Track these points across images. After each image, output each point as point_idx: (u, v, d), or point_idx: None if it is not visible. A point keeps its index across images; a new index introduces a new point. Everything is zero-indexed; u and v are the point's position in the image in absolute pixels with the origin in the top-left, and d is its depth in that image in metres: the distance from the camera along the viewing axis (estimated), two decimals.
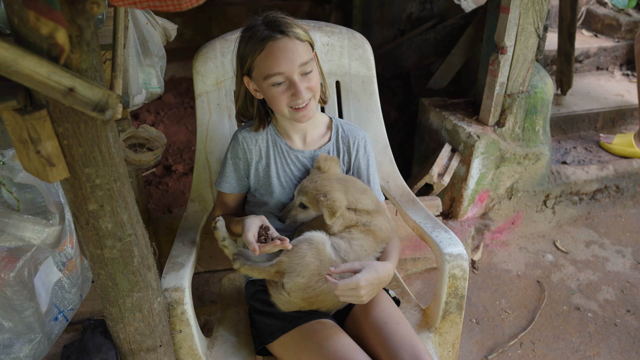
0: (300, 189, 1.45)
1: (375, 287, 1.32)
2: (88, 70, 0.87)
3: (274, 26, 1.34)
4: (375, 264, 1.33)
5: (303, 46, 1.35)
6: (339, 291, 1.26)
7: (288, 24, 1.35)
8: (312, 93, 1.41)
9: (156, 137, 1.53)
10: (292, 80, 1.35)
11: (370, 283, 1.29)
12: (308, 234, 1.35)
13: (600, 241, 2.79)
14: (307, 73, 1.37)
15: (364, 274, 1.28)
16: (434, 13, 3.30)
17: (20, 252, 1.12)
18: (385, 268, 1.35)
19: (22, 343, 1.19)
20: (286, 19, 1.37)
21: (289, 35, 1.33)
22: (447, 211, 2.65)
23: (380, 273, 1.32)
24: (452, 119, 2.53)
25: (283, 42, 1.33)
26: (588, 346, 2.17)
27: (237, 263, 1.37)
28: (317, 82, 1.41)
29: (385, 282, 1.35)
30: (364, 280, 1.27)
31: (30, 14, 0.71)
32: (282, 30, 1.33)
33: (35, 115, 0.85)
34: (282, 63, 1.33)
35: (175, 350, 1.37)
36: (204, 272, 2.26)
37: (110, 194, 1.00)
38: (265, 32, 1.33)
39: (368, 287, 1.28)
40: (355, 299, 1.29)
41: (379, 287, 1.33)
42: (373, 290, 1.31)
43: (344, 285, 1.25)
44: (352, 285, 1.26)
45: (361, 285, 1.26)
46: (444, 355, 1.58)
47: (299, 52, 1.34)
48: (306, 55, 1.36)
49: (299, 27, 1.37)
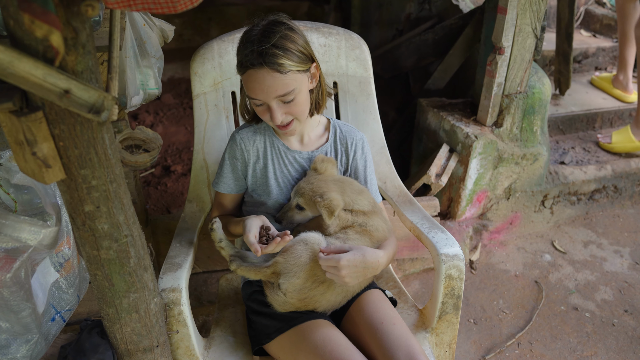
0: (296, 190, 1.46)
1: (359, 271, 1.30)
2: (84, 72, 0.87)
3: (261, 49, 1.28)
4: (364, 248, 1.33)
5: (283, 79, 1.30)
6: (323, 266, 1.29)
7: (274, 54, 1.28)
8: (293, 116, 1.40)
9: (152, 138, 1.53)
10: (270, 105, 1.36)
11: (353, 265, 1.28)
12: (304, 235, 1.36)
13: (598, 241, 2.80)
14: (287, 101, 1.35)
15: (347, 255, 1.28)
16: (432, 13, 3.31)
17: (17, 253, 1.12)
18: (374, 254, 1.34)
19: (19, 343, 1.20)
20: (277, 43, 1.29)
21: (270, 67, 1.28)
22: (445, 211, 2.66)
23: (367, 257, 1.31)
24: (450, 120, 2.54)
25: (262, 74, 1.29)
26: (585, 346, 2.17)
27: (234, 264, 1.38)
28: (299, 107, 1.38)
29: (373, 268, 1.34)
30: (345, 260, 1.27)
31: (25, 16, 0.72)
32: (265, 61, 1.28)
33: (31, 117, 0.85)
34: (259, 92, 1.33)
35: (172, 351, 1.37)
36: (202, 272, 2.27)
37: (106, 195, 1.00)
38: (250, 57, 1.29)
39: (349, 267, 1.28)
40: (337, 277, 1.29)
41: (364, 271, 1.32)
42: (357, 273, 1.30)
43: (325, 261, 1.27)
44: (332, 263, 1.27)
45: (341, 264, 1.26)
46: (440, 355, 1.59)
47: (275, 86, 1.31)
48: (284, 89, 1.32)
49: (287, 55, 1.30)
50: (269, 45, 1.28)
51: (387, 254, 1.40)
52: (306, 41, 1.38)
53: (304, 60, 1.35)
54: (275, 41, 1.29)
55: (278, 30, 1.31)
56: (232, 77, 1.75)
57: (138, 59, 1.67)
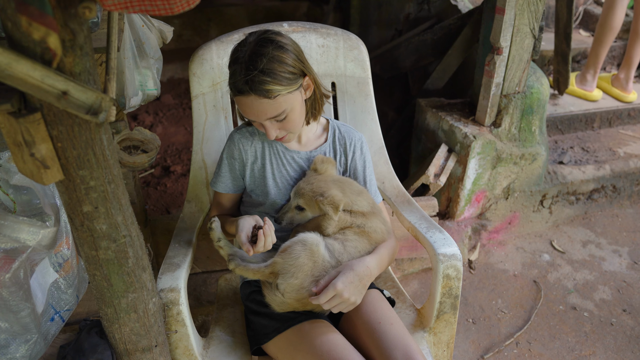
0: (296, 191, 1.46)
1: (358, 286, 1.32)
2: (81, 73, 0.88)
3: (247, 78, 1.27)
4: (350, 264, 1.35)
5: (273, 103, 1.31)
6: (326, 305, 1.29)
7: (262, 81, 1.27)
8: (287, 131, 1.42)
9: (150, 139, 1.54)
10: (262, 124, 1.38)
11: (350, 282, 1.30)
12: (302, 235, 1.36)
13: (597, 241, 2.80)
14: (279, 120, 1.37)
15: (339, 278, 1.30)
16: (431, 14, 3.31)
17: (16, 253, 1.13)
18: (362, 264, 1.35)
19: (18, 343, 1.20)
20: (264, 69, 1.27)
21: (258, 94, 1.29)
22: (443, 211, 2.66)
23: (357, 270, 1.33)
24: (449, 120, 2.54)
25: (250, 100, 1.31)
26: (584, 346, 2.18)
27: (232, 264, 1.38)
28: (293, 123, 1.40)
29: (368, 277, 1.35)
30: (341, 283, 1.28)
31: (23, 19, 0.72)
32: (252, 88, 1.28)
33: (30, 119, 0.86)
34: (250, 115, 1.36)
35: (171, 351, 1.38)
36: (201, 272, 2.27)
37: (104, 196, 1.01)
38: (238, 84, 1.30)
39: (349, 287, 1.29)
40: (345, 304, 1.31)
41: (361, 283, 1.33)
42: (357, 288, 1.32)
43: (325, 297, 1.28)
44: (331, 294, 1.28)
45: (339, 289, 1.28)
46: (438, 354, 1.59)
47: (265, 110, 1.32)
48: (275, 111, 1.33)
49: (275, 80, 1.29)
50: (256, 72, 1.27)
51: (376, 258, 1.41)
52: (297, 55, 1.35)
53: (294, 79, 1.33)
54: (263, 66, 1.27)
55: (266, 53, 1.29)
56: None
57: (137, 60, 1.67)
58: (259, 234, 1.29)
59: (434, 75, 2.93)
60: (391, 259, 1.50)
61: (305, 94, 1.41)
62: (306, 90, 1.41)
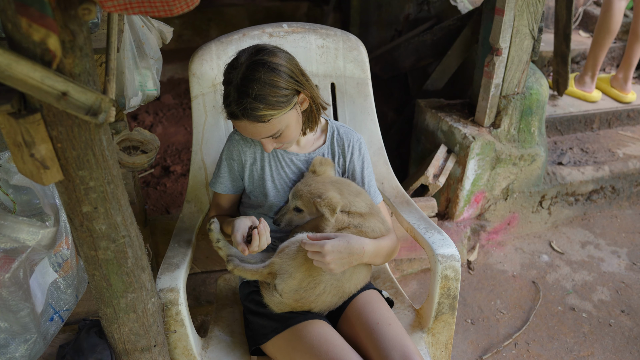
0: (294, 192, 1.47)
1: (344, 257, 1.32)
2: (81, 74, 0.88)
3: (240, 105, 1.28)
4: (349, 235, 1.35)
5: (267, 126, 1.33)
6: (308, 252, 1.30)
7: (254, 108, 1.28)
8: (283, 142, 1.44)
9: (150, 139, 1.54)
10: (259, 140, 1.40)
11: (338, 250, 1.30)
12: (300, 236, 1.37)
13: (595, 242, 2.81)
14: (275, 137, 1.39)
15: (331, 240, 1.30)
16: (431, 14, 3.32)
17: (16, 253, 1.13)
18: (359, 241, 1.36)
19: (17, 343, 1.21)
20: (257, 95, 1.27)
21: (251, 120, 1.30)
22: (443, 212, 2.67)
23: (352, 243, 1.33)
24: (448, 120, 2.55)
25: (244, 124, 1.34)
26: (582, 346, 2.18)
27: (231, 264, 1.39)
28: (288, 138, 1.41)
29: (358, 255, 1.35)
30: (330, 245, 1.28)
31: (23, 20, 0.73)
32: (245, 114, 1.29)
33: (29, 119, 0.86)
34: (245, 134, 1.39)
35: (170, 350, 1.38)
36: (200, 272, 2.28)
37: (104, 196, 1.01)
38: (231, 110, 1.32)
39: (334, 253, 1.29)
40: (322, 264, 1.30)
41: (349, 257, 1.33)
42: (342, 260, 1.31)
43: (310, 246, 1.29)
44: (316, 248, 1.28)
45: (326, 249, 1.28)
46: (436, 355, 1.59)
47: (259, 132, 1.35)
48: (270, 132, 1.35)
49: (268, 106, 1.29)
50: (249, 99, 1.27)
51: (374, 244, 1.41)
52: (291, 74, 1.34)
53: (287, 102, 1.33)
54: (255, 93, 1.27)
55: (258, 78, 1.28)
56: None
57: (137, 61, 1.68)
58: (254, 234, 1.30)
59: (433, 76, 2.93)
60: (390, 253, 1.50)
61: (301, 106, 1.42)
62: (302, 103, 1.41)
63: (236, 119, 1.33)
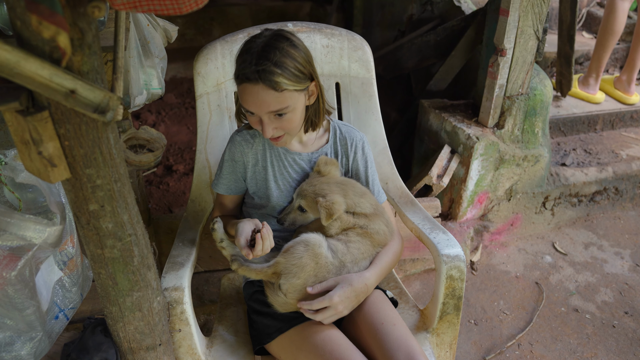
0: (299, 192, 1.47)
1: (352, 300, 1.35)
2: (89, 72, 0.88)
3: (259, 65, 1.27)
4: (349, 278, 1.36)
5: (279, 96, 1.30)
6: (319, 317, 1.32)
7: (271, 72, 1.27)
8: (284, 131, 1.40)
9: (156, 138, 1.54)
10: (261, 118, 1.35)
11: (346, 297, 1.33)
12: (305, 236, 1.36)
13: (599, 243, 2.80)
14: (280, 115, 1.34)
15: (337, 291, 1.32)
16: (434, 15, 3.31)
17: (22, 251, 1.13)
18: (361, 279, 1.37)
19: (23, 341, 1.20)
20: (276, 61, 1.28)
21: (266, 84, 1.28)
22: (446, 212, 2.66)
23: (355, 285, 1.35)
24: (452, 121, 2.54)
25: (256, 89, 1.29)
26: (586, 348, 2.18)
27: (235, 264, 1.39)
28: (291, 123, 1.38)
29: (364, 293, 1.38)
30: (337, 297, 1.31)
31: (33, 17, 0.73)
32: (261, 77, 1.27)
33: (37, 117, 0.86)
34: (252, 105, 1.33)
35: (174, 349, 1.38)
36: (203, 271, 2.28)
37: (110, 195, 1.01)
38: (247, 72, 1.29)
39: (344, 301, 1.33)
40: (337, 315, 1.33)
41: (356, 298, 1.37)
42: (351, 303, 1.36)
43: (319, 305, 1.30)
44: (326, 304, 1.30)
45: (335, 301, 1.31)
46: (441, 355, 1.59)
47: (268, 102, 1.30)
48: (278, 105, 1.31)
49: (285, 74, 1.29)
50: (268, 62, 1.27)
51: (375, 272, 1.43)
52: (308, 58, 1.36)
53: (302, 79, 1.33)
54: (276, 59, 1.28)
55: (280, 47, 1.30)
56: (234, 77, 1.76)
57: (142, 59, 1.68)
58: (257, 237, 1.29)
59: (437, 77, 2.93)
60: (394, 262, 1.51)
61: (309, 100, 1.41)
62: (310, 96, 1.41)
63: (250, 81, 1.29)
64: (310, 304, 1.31)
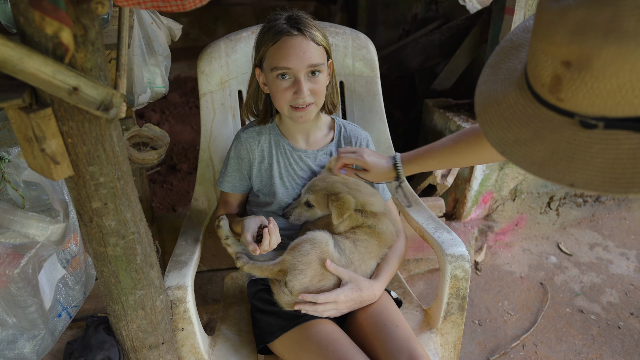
0: (309, 187, 1.46)
1: (356, 304, 1.38)
2: (93, 69, 0.88)
3: (294, 22, 1.36)
4: (362, 283, 1.37)
5: (317, 49, 1.36)
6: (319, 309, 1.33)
7: (308, 25, 1.36)
8: (314, 98, 1.40)
9: (160, 136, 1.54)
10: (297, 78, 1.36)
11: (352, 300, 1.35)
12: (311, 234, 1.36)
13: (604, 243, 2.78)
14: (315, 75, 1.38)
15: (344, 290, 1.34)
16: (439, 14, 3.30)
17: (25, 249, 1.13)
18: (371, 289, 1.39)
19: (26, 339, 1.20)
20: (308, 20, 1.38)
21: (305, 35, 1.34)
22: (450, 212, 2.65)
23: (364, 293, 1.37)
24: (456, 120, 2.53)
25: (297, 40, 1.34)
26: (591, 349, 2.16)
27: (240, 261, 1.38)
28: (322, 87, 1.41)
29: (369, 302, 1.40)
30: (344, 296, 1.34)
31: (36, 13, 0.72)
32: (299, 29, 1.34)
33: (40, 114, 0.86)
34: (292, 59, 1.34)
35: (177, 348, 1.38)
36: (207, 270, 2.28)
37: (113, 192, 1.01)
38: (284, 26, 1.35)
39: (348, 302, 1.35)
40: (335, 311, 1.35)
41: (360, 304, 1.39)
42: (354, 306, 1.38)
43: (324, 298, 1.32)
44: (332, 299, 1.32)
45: (340, 299, 1.33)
46: (445, 356, 1.58)
47: (310, 53, 1.34)
48: (317, 59, 1.36)
49: (319, 30, 1.38)
50: (304, 19, 1.36)
51: (384, 282, 1.44)
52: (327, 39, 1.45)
53: (327, 47, 1.41)
54: (307, 22, 1.37)
55: (306, 17, 1.39)
56: (238, 75, 1.76)
57: (145, 57, 1.67)
58: (264, 233, 1.29)
59: (441, 76, 2.92)
60: (400, 265, 1.52)
61: (328, 75, 1.46)
62: (329, 74, 1.46)
63: (290, 33, 1.34)
64: (316, 297, 1.31)
